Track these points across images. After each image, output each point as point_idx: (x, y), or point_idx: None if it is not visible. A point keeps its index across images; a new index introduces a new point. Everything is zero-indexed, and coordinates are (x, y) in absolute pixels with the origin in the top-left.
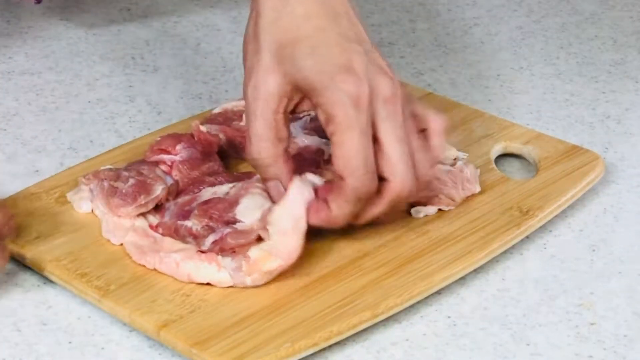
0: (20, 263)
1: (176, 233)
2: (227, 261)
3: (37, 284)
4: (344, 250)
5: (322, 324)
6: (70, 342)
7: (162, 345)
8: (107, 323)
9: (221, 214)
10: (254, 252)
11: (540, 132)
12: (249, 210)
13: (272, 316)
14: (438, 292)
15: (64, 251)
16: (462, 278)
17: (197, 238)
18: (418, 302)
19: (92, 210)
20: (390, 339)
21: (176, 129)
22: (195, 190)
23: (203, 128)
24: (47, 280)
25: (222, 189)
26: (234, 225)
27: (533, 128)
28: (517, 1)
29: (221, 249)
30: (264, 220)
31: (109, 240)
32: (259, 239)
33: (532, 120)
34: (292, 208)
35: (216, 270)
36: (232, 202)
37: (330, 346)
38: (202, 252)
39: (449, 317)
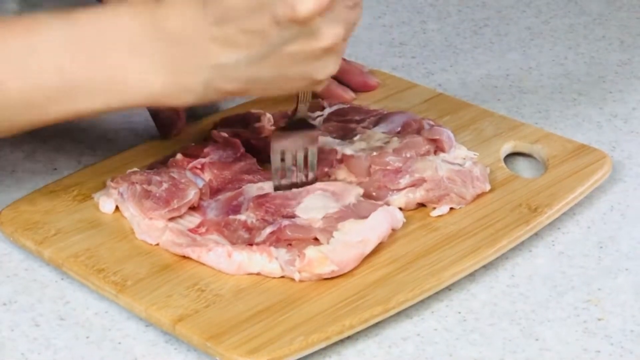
0: (39, 259)
1: (226, 227)
2: (281, 252)
3: (55, 279)
4: None
5: (335, 318)
6: (87, 337)
7: (178, 339)
8: (124, 318)
9: (278, 208)
10: (311, 252)
11: (549, 131)
12: (310, 209)
13: (285, 310)
14: (448, 288)
15: (82, 247)
16: (472, 274)
17: (251, 230)
18: (429, 298)
19: (114, 211)
20: (401, 334)
21: (193, 129)
22: (236, 187)
23: (223, 133)
24: (65, 276)
25: (269, 185)
26: (293, 219)
27: (541, 127)
28: (526, 2)
29: (277, 239)
30: (327, 222)
31: (125, 237)
32: (315, 239)
33: (541, 119)
34: (369, 226)
35: (267, 261)
36: (292, 200)
37: (342, 340)
38: (251, 244)
39: (459, 312)
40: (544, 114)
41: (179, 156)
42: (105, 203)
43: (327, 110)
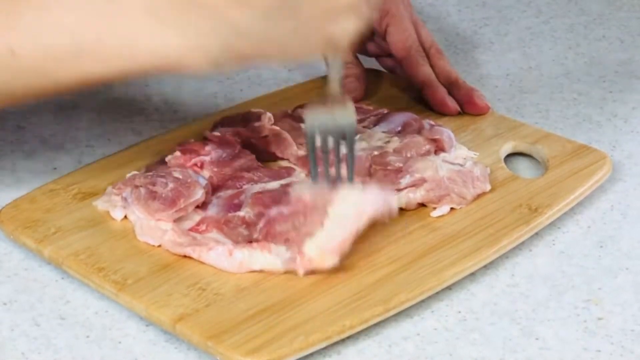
0: (39, 258)
1: (226, 224)
2: (282, 250)
3: (55, 278)
4: (357, 246)
5: (335, 317)
6: (87, 337)
7: (178, 338)
8: (124, 317)
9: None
10: (310, 250)
11: (549, 131)
12: (301, 187)
13: (286, 310)
14: (449, 288)
15: (82, 246)
16: (472, 274)
17: (250, 226)
18: (429, 297)
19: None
20: (401, 334)
21: (193, 128)
22: (238, 185)
23: (216, 133)
24: (66, 275)
25: (272, 185)
26: (281, 207)
27: (541, 126)
28: (526, 2)
29: (268, 233)
30: (314, 202)
31: (125, 236)
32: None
33: (541, 119)
34: (362, 200)
35: (268, 257)
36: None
37: (343, 340)
38: (251, 242)
39: (459, 312)
40: (544, 114)
41: (177, 153)
42: (115, 210)
43: None
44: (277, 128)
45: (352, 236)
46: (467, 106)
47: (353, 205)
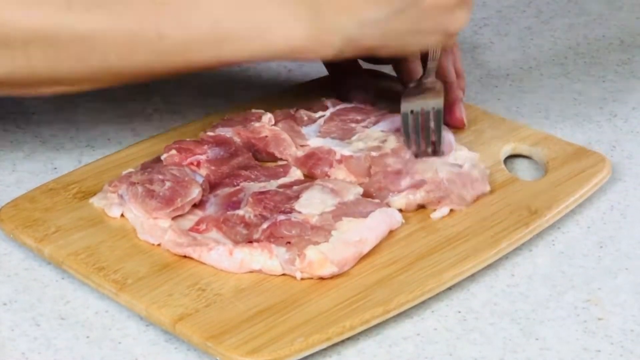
0: (39, 258)
1: (225, 223)
2: (281, 251)
3: (55, 278)
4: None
5: (335, 319)
6: (87, 337)
7: (178, 338)
8: (124, 317)
9: (277, 204)
10: (312, 253)
11: (549, 133)
12: (308, 204)
13: (286, 311)
14: (448, 288)
15: (82, 246)
16: (472, 274)
17: (249, 227)
18: (429, 298)
19: (122, 214)
20: (401, 334)
21: (193, 128)
22: (235, 183)
23: (210, 133)
24: (66, 275)
25: (271, 184)
26: (288, 215)
27: (541, 127)
28: (526, 2)
29: (271, 234)
30: (323, 219)
31: (125, 236)
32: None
33: (541, 119)
34: (368, 226)
35: (268, 258)
36: (292, 196)
37: (343, 341)
38: (251, 241)
39: (459, 312)
40: (544, 113)
41: (173, 151)
42: (112, 208)
43: (330, 110)
44: (277, 129)
45: (356, 257)
46: (447, 113)
47: (359, 233)
